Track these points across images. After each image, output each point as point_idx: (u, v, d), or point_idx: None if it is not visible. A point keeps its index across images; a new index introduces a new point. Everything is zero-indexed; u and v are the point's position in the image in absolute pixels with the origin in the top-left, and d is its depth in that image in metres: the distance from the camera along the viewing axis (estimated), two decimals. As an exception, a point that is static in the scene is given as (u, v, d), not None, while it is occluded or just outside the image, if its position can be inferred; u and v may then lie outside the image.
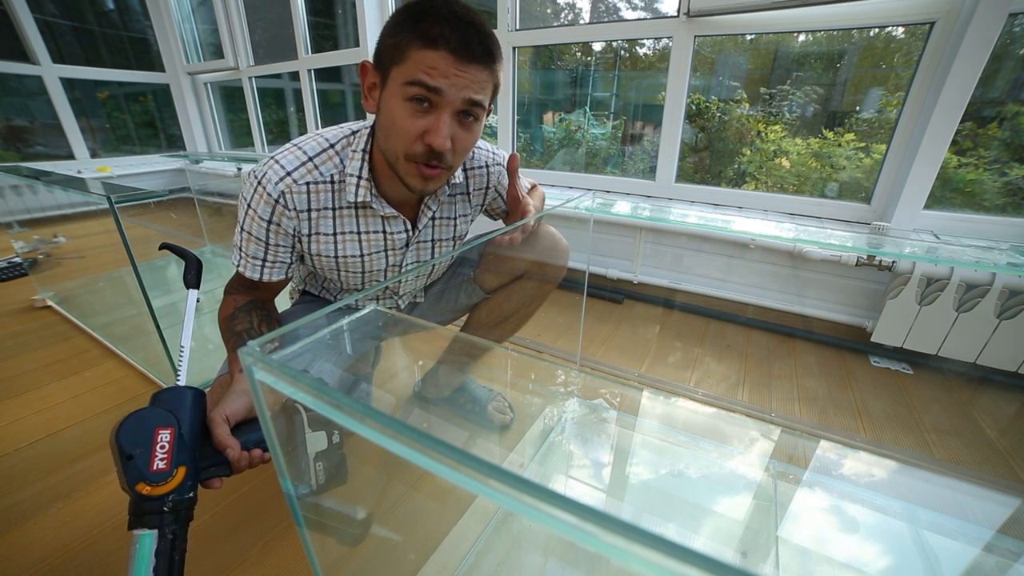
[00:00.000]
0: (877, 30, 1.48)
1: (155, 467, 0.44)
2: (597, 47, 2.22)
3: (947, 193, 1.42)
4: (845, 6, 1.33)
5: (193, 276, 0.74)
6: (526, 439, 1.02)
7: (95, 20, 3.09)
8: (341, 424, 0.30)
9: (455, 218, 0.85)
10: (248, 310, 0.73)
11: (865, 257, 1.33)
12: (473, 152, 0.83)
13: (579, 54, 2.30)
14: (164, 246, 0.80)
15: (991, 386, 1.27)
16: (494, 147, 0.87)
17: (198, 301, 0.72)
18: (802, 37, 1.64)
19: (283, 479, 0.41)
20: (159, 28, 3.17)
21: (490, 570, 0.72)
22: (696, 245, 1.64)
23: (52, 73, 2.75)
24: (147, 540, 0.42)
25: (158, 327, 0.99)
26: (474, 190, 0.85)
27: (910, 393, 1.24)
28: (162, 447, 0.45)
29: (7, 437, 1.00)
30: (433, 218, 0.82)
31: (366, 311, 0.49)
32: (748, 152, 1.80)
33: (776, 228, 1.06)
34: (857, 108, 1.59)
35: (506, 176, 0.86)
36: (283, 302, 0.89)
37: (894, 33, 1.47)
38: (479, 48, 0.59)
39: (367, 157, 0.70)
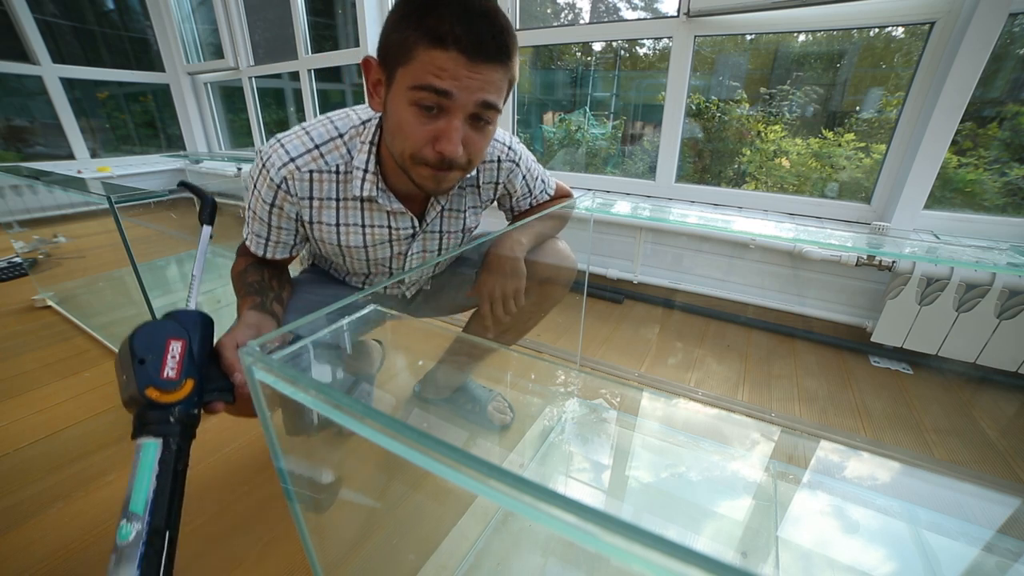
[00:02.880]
0: (877, 30, 1.49)
1: (165, 375, 0.44)
2: (597, 47, 2.22)
3: (947, 193, 1.42)
4: (845, 6, 1.33)
5: (207, 214, 0.74)
6: (526, 439, 1.02)
7: (95, 20, 3.09)
8: (342, 424, 0.30)
9: (464, 210, 0.82)
10: (260, 266, 0.74)
11: (865, 257, 1.33)
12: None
13: (579, 54, 2.30)
14: (181, 184, 0.80)
15: (991, 386, 1.27)
16: (510, 139, 0.81)
17: (211, 237, 0.72)
18: (802, 37, 1.64)
19: (275, 458, 0.41)
20: (159, 28, 3.17)
21: (490, 570, 0.72)
22: (696, 245, 1.64)
23: (52, 73, 2.75)
24: (151, 448, 0.42)
25: (158, 327, 0.99)
26: (484, 183, 0.82)
27: (910, 393, 1.24)
28: (173, 357, 0.46)
29: (7, 437, 1.00)
30: (442, 210, 0.79)
31: (367, 311, 0.49)
32: (748, 152, 1.80)
33: (776, 228, 1.06)
34: (857, 108, 1.59)
35: (517, 173, 0.83)
36: (294, 269, 0.88)
37: (894, 33, 1.47)
38: (493, 45, 0.54)
39: (374, 150, 0.68)
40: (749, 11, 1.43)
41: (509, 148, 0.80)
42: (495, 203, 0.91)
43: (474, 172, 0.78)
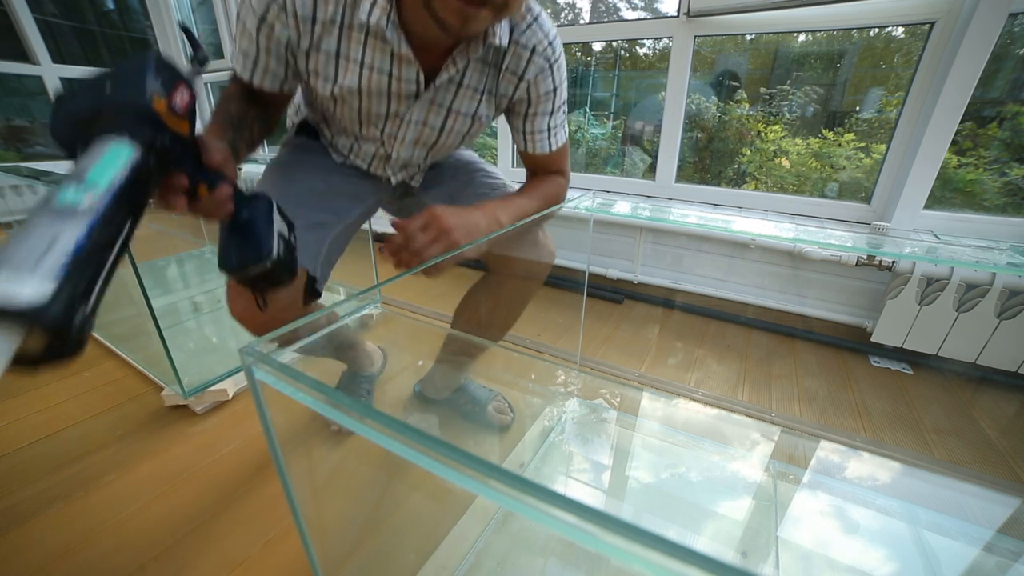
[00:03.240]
0: (877, 30, 1.49)
1: (173, 101, 0.39)
2: (597, 47, 2.22)
3: (947, 193, 1.42)
4: (845, 6, 1.33)
5: (199, 60, 0.71)
6: (526, 439, 1.02)
7: (95, 20, 3.09)
8: (342, 424, 0.30)
9: (482, 91, 0.70)
10: (248, 101, 0.66)
11: (865, 257, 1.33)
12: (528, 24, 0.66)
13: (579, 54, 2.30)
14: (182, 26, 0.77)
15: (991, 386, 1.27)
16: (554, 34, 0.69)
17: (197, 76, 0.68)
18: (802, 37, 1.64)
19: (281, 473, 0.41)
20: (159, 28, 3.17)
21: (490, 570, 0.72)
22: (696, 245, 1.64)
23: (52, 73, 2.75)
24: (125, 150, 0.34)
25: (158, 327, 0.99)
26: (507, 70, 0.69)
27: (910, 393, 1.24)
28: (182, 96, 0.41)
29: (7, 437, 1.00)
30: (459, 83, 0.68)
31: (368, 310, 0.49)
32: (748, 152, 1.80)
33: (776, 228, 1.06)
34: (857, 108, 1.59)
35: (547, 76, 0.70)
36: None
37: (894, 33, 1.48)
38: None
39: None
40: (749, 11, 1.43)
41: (550, 44, 0.68)
42: (507, 111, 0.77)
43: (504, 43, 0.64)
